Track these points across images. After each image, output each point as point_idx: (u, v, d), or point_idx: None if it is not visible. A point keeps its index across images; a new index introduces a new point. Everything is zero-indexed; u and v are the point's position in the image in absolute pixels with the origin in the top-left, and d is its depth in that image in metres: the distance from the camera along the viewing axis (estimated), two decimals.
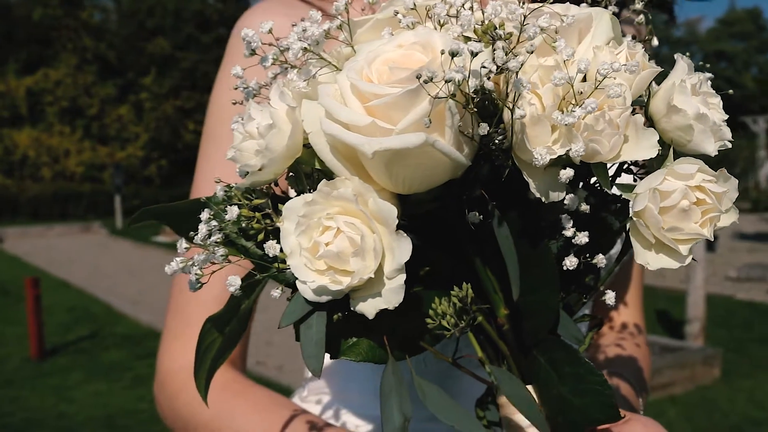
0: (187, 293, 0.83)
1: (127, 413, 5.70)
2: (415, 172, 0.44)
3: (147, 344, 7.74)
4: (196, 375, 0.59)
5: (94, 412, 5.70)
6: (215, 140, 0.84)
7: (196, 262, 0.48)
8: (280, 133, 0.46)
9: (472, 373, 0.54)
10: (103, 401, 5.95)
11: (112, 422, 5.52)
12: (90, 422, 5.50)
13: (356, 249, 0.44)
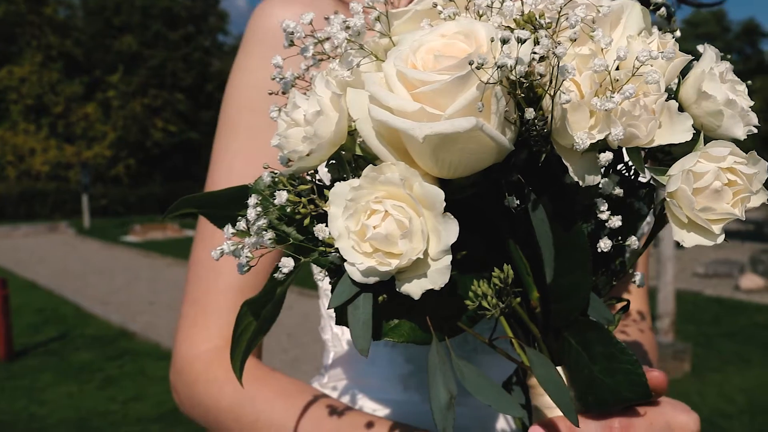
0: (205, 283, 0.83)
1: (99, 414, 5.64)
2: (461, 157, 0.45)
3: (118, 345, 7.66)
4: (232, 356, 0.60)
5: (66, 414, 5.62)
6: (233, 130, 0.84)
7: (247, 245, 0.49)
8: (328, 120, 0.48)
9: (506, 354, 0.55)
10: (75, 403, 5.88)
11: (84, 424, 5.46)
12: (62, 424, 5.43)
13: (405, 231, 0.46)
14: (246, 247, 0.49)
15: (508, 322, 0.54)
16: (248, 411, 0.77)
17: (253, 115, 0.83)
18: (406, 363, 0.81)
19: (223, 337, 0.82)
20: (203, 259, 0.84)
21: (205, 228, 0.84)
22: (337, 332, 0.86)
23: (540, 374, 0.49)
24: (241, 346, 0.58)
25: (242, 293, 0.83)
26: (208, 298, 0.83)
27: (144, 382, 6.46)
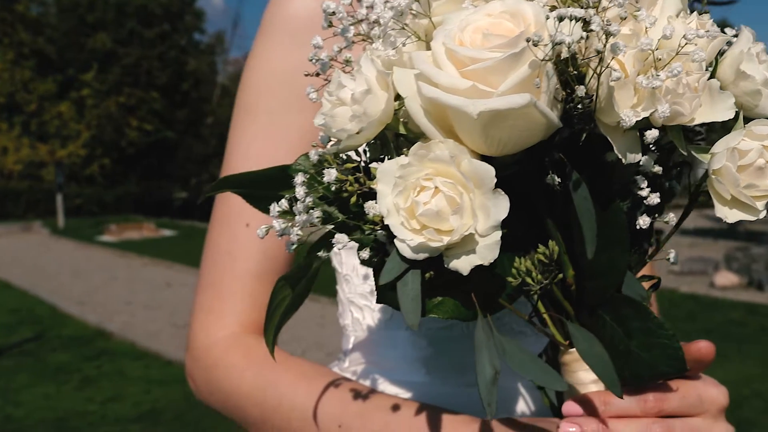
0: (221, 269, 0.83)
1: (77, 415, 5.58)
2: (511, 134, 0.46)
3: (95, 345, 7.58)
4: (265, 331, 0.61)
5: (44, 415, 5.56)
6: (251, 115, 0.84)
7: (298, 223, 0.50)
8: (376, 99, 0.48)
9: (543, 331, 0.56)
10: (52, 404, 5.81)
11: (62, 425, 5.40)
12: (39, 425, 5.37)
13: (456, 207, 0.46)
14: (297, 225, 0.49)
15: (542, 301, 0.55)
16: (270, 395, 0.77)
17: (272, 100, 0.83)
18: (428, 346, 0.81)
19: (240, 324, 0.82)
20: (220, 245, 0.84)
21: (222, 214, 0.84)
22: (358, 317, 0.86)
23: (582, 348, 0.50)
24: (274, 320, 0.59)
25: (259, 279, 0.83)
26: (225, 284, 0.83)
27: (122, 382, 6.40)
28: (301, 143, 0.84)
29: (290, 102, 0.83)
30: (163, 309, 9.56)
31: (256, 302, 0.83)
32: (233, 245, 0.83)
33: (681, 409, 0.57)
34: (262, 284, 0.83)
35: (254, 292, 0.83)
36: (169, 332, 8.38)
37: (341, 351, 0.92)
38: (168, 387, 6.30)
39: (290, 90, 0.83)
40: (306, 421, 0.75)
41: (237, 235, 0.83)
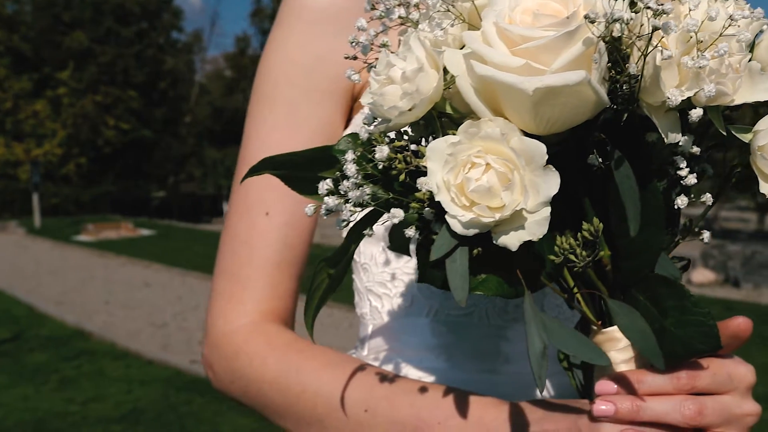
0: (240, 257, 0.83)
1: (57, 416, 5.52)
2: (561, 112, 0.47)
3: (74, 345, 7.51)
4: (305, 312, 0.62)
5: (22, 417, 5.49)
6: (270, 104, 0.85)
7: (352, 198, 0.50)
8: (428, 77, 0.49)
9: (580, 311, 0.57)
10: (32, 405, 5.74)
11: (42, 426, 5.34)
12: (18, 427, 5.30)
13: (507, 184, 0.47)
14: (350, 201, 0.50)
15: (575, 281, 0.56)
16: (294, 382, 0.77)
17: (292, 89, 0.84)
18: (448, 333, 0.82)
19: (260, 312, 0.82)
20: (239, 234, 0.84)
21: (240, 203, 0.84)
22: (376, 305, 0.86)
23: (623, 323, 0.51)
24: (314, 301, 0.60)
25: (278, 268, 0.83)
26: (244, 272, 0.83)
27: (103, 382, 6.35)
28: (320, 134, 0.84)
29: (309, 92, 0.84)
30: (143, 308, 9.49)
31: (276, 290, 0.83)
32: (252, 234, 0.83)
33: (712, 387, 0.58)
34: (281, 273, 0.84)
35: (274, 280, 0.83)
36: (148, 332, 8.32)
37: (358, 340, 0.92)
38: (149, 387, 6.26)
39: (310, 80, 0.83)
40: (331, 406, 0.75)
41: (256, 224, 0.83)
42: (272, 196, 0.83)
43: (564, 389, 0.82)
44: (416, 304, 0.83)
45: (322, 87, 0.84)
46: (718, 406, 0.57)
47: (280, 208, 0.83)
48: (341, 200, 0.50)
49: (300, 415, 0.77)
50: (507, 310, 0.81)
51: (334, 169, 0.54)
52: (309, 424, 0.77)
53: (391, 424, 0.72)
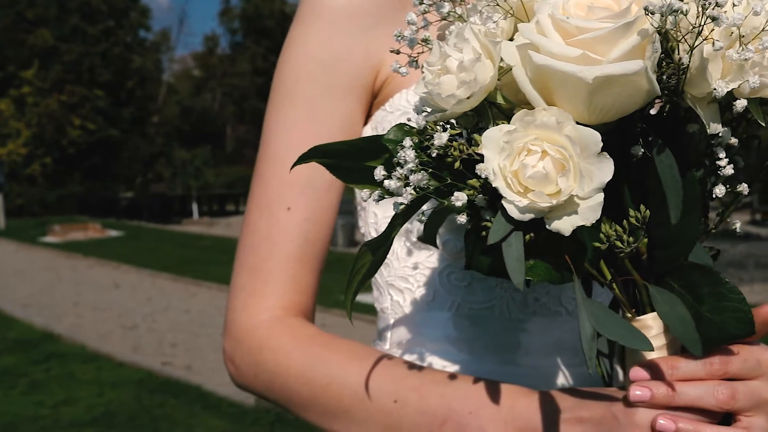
0: (262, 252, 0.84)
1: (27, 420, 5.43)
2: (615, 101, 0.49)
3: (43, 348, 7.39)
4: (345, 295, 0.63)
5: None
6: (291, 101, 0.85)
7: (413, 182, 0.51)
8: (485, 66, 0.51)
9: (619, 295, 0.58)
10: (1, 409, 5.64)
11: (12, 430, 5.24)
12: None
13: (564, 170, 0.49)
14: (411, 185, 0.51)
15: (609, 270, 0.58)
16: (320, 375, 0.78)
17: (313, 86, 0.85)
18: (471, 326, 0.83)
19: (282, 307, 0.83)
20: (260, 229, 0.85)
21: (260, 198, 0.85)
22: (398, 300, 0.87)
23: (663, 310, 0.53)
24: (353, 284, 0.62)
25: (301, 262, 0.84)
26: (267, 267, 0.83)
27: (73, 385, 6.25)
28: (340, 130, 0.85)
29: (331, 89, 0.85)
30: (112, 310, 9.37)
31: (298, 285, 0.84)
32: (274, 229, 0.84)
33: (742, 372, 0.60)
34: (303, 267, 0.84)
35: (296, 275, 0.84)
36: (119, 334, 8.22)
37: (377, 334, 0.93)
38: (121, 389, 6.18)
39: (330, 77, 0.84)
40: (358, 398, 0.76)
41: (278, 219, 0.84)
42: (293, 191, 0.84)
43: (582, 380, 0.83)
44: (438, 299, 0.84)
45: (343, 84, 0.85)
46: (748, 391, 0.59)
47: (301, 203, 0.84)
48: (401, 183, 0.51)
49: (326, 407, 0.78)
50: (527, 304, 0.83)
51: (381, 158, 0.56)
52: (335, 416, 0.78)
53: (421, 414, 0.73)
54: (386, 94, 0.86)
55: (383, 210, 0.87)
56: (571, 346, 0.84)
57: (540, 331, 0.83)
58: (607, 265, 0.57)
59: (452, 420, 0.71)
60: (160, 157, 31.94)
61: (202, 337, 8.22)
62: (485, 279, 0.82)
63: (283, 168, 0.84)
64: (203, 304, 10.08)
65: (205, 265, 13.32)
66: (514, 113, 0.51)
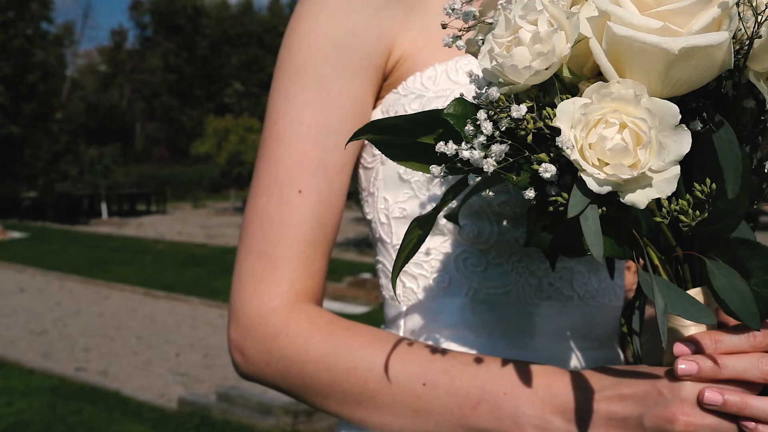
0: (273, 236, 0.80)
1: None
2: (690, 74, 0.49)
3: None
4: (393, 269, 0.62)
5: None
6: (301, 80, 0.82)
7: (495, 152, 0.50)
8: (561, 37, 0.50)
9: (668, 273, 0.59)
10: None
11: None
12: None
13: (644, 142, 0.49)
14: (493, 154, 0.50)
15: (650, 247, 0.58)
16: (343, 359, 0.76)
17: (324, 65, 0.82)
18: (488, 311, 0.82)
19: (295, 292, 0.80)
20: (269, 213, 0.81)
21: (269, 181, 0.82)
22: (411, 286, 0.86)
23: (720, 284, 0.54)
24: (401, 258, 0.61)
25: (313, 246, 0.81)
26: (278, 251, 0.80)
27: None
28: (351, 111, 0.83)
29: (343, 68, 0.82)
30: (19, 315, 8.95)
31: (310, 270, 0.82)
32: (285, 212, 0.81)
33: None
34: (315, 251, 0.82)
35: (308, 259, 0.81)
36: (27, 340, 7.85)
37: (386, 321, 0.90)
38: (33, 397, 5.90)
39: (343, 56, 0.82)
40: (384, 382, 0.74)
41: (290, 202, 0.81)
42: (304, 174, 0.81)
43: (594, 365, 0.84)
44: (454, 284, 0.83)
45: (355, 63, 0.82)
46: None
47: (313, 186, 0.81)
48: (482, 155, 0.49)
49: (349, 392, 0.76)
50: (542, 288, 0.83)
51: (434, 134, 0.54)
52: (358, 402, 0.76)
53: (452, 396, 0.72)
54: (398, 77, 0.84)
55: (394, 195, 0.85)
56: (583, 331, 0.85)
57: (554, 316, 0.83)
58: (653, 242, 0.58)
59: (486, 401, 0.71)
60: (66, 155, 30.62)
61: (117, 340, 7.95)
62: (501, 264, 0.82)
63: (294, 148, 0.81)
64: (117, 306, 9.76)
65: (116, 267, 12.89)
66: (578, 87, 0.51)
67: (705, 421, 0.60)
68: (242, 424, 5.17)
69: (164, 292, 10.67)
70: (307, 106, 0.82)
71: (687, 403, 0.60)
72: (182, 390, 6.07)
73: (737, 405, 0.59)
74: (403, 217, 0.85)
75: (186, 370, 6.82)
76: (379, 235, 0.88)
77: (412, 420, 0.74)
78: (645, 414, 0.62)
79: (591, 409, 0.66)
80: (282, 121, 0.83)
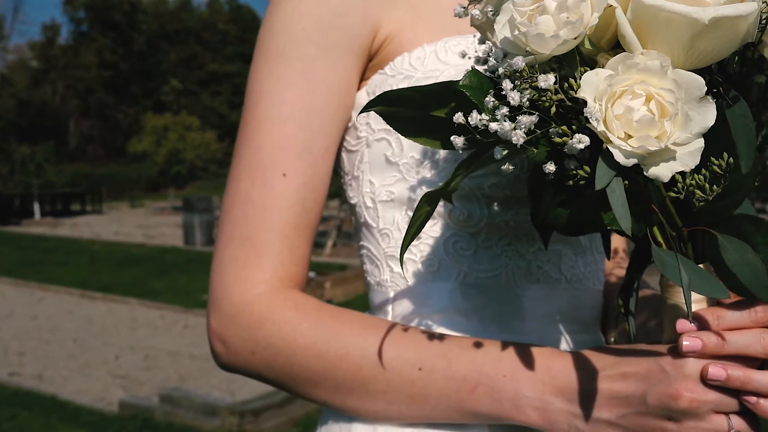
0: (256, 221, 0.77)
1: None
2: (714, 46, 0.49)
3: None
4: (403, 242, 0.61)
5: None
6: (286, 59, 0.80)
7: (524, 123, 0.48)
8: (588, 6, 0.49)
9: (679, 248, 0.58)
10: None
11: None
12: None
13: (670, 114, 0.48)
14: (522, 126, 0.48)
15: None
16: (334, 346, 0.74)
17: (308, 45, 0.80)
18: (478, 295, 0.81)
19: (279, 279, 0.78)
20: (252, 197, 0.78)
21: (251, 165, 0.79)
22: (399, 271, 0.84)
23: (732, 258, 0.54)
24: (410, 233, 0.60)
25: (297, 231, 0.79)
26: (262, 237, 0.78)
27: None
28: (336, 92, 0.81)
29: (328, 48, 0.80)
30: None
31: (294, 256, 0.79)
32: (269, 197, 0.78)
33: None
34: (299, 237, 0.79)
35: (293, 245, 0.79)
36: None
37: (371, 308, 0.88)
38: None
39: (329, 36, 0.80)
40: (378, 368, 0.72)
41: (274, 186, 0.78)
42: (287, 156, 0.79)
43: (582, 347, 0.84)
44: (444, 268, 0.82)
45: (341, 43, 0.80)
46: None
47: (297, 169, 0.79)
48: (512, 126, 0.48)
49: (340, 380, 0.74)
50: (531, 271, 0.82)
51: (447, 107, 0.53)
52: (350, 389, 0.74)
53: (449, 380, 0.71)
54: (384, 57, 0.82)
55: (380, 178, 0.84)
56: (570, 314, 0.85)
57: (543, 299, 0.82)
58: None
59: (484, 384, 0.70)
60: None
61: (52, 344, 7.70)
62: (490, 247, 0.81)
63: (277, 131, 0.79)
64: (51, 309, 9.46)
65: (50, 268, 12.50)
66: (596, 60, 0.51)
67: (708, 397, 0.61)
68: (186, 425, 5.07)
69: (101, 294, 10.40)
70: (290, 87, 0.79)
71: (690, 380, 0.61)
72: (123, 393, 5.93)
73: (740, 380, 0.60)
74: (390, 201, 0.83)
75: (126, 372, 6.66)
76: (365, 220, 0.86)
77: (407, 406, 0.73)
78: (648, 392, 0.62)
79: (593, 389, 0.66)
80: (264, 103, 0.80)
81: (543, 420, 0.69)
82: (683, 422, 0.62)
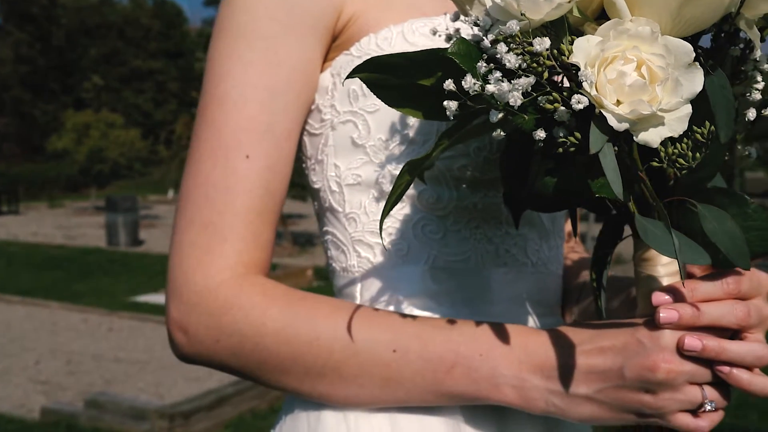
0: (218, 205, 0.74)
1: None
2: (702, 12, 0.50)
3: None
4: (384, 209, 0.60)
5: None
6: (248, 38, 0.77)
7: (522, 85, 0.47)
8: None
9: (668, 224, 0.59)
10: None
11: None
12: None
13: (660, 79, 0.48)
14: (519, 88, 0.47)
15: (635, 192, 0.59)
16: (305, 330, 0.71)
17: (271, 24, 0.77)
18: (449, 279, 0.80)
19: (243, 264, 0.75)
20: (213, 180, 0.75)
21: (213, 146, 0.75)
22: (367, 256, 0.81)
23: (711, 227, 0.55)
24: (391, 200, 0.59)
25: (261, 216, 0.76)
26: (224, 221, 0.75)
27: None
28: (300, 72, 0.79)
29: (292, 28, 0.78)
30: None
31: (258, 240, 0.76)
32: (232, 179, 0.75)
33: (750, 292, 0.64)
34: (263, 221, 0.77)
35: (256, 229, 0.76)
36: None
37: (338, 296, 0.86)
38: None
39: (292, 15, 0.78)
40: (351, 350, 0.71)
41: (236, 169, 0.75)
42: (251, 137, 0.76)
43: None
44: (413, 252, 0.81)
45: (304, 23, 0.78)
46: (756, 309, 0.64)
47: (260, 150, 0.76)
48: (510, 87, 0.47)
49: (311, 365, 0.72)
50: (499, 255, 0.82)
51: (433, 77, 0.52)
52: (321, 374, 0.72)
53: (425, 361, 0.70)
54: (348, 37, 0.80)
55: (346, 162, 0.82)
56: (536, 297, 0.85)
57: (510, 282, 0.83)
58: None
59: (461, 364, 0.69)
60: None
61: None
62: (459, 231, 0.80)
63: (239, 112, 0.76)
64: None
65: None
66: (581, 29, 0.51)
67: (684, 368, 0.62)
68: (114, 431, 4.91)
69: (19, 297, 9.98)
70: (252, 67, 0.77)
71: (667, 351, 0.62)
72: (44, 399, 5.70)
73: (715, 350, 0.61)
74: (357, 184, 0.81)
75: (47, 378, 6.41)
76: (329, 204, 0.84)
77: (380, 389, 0.71)
78: (625, 365, 0.63)
79: (570, 365, 0.66)
80: (225, 84, 0.77)
81: (520, 398, 0.69)
82: (659, 394, 0.63)
